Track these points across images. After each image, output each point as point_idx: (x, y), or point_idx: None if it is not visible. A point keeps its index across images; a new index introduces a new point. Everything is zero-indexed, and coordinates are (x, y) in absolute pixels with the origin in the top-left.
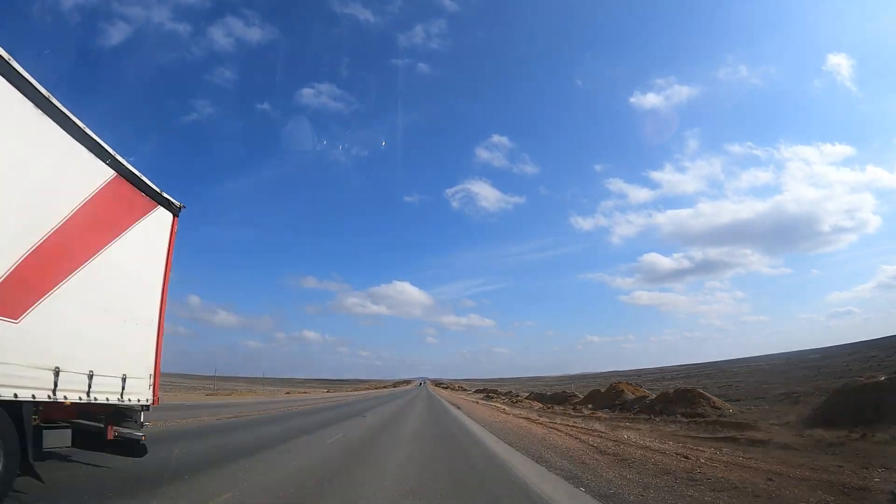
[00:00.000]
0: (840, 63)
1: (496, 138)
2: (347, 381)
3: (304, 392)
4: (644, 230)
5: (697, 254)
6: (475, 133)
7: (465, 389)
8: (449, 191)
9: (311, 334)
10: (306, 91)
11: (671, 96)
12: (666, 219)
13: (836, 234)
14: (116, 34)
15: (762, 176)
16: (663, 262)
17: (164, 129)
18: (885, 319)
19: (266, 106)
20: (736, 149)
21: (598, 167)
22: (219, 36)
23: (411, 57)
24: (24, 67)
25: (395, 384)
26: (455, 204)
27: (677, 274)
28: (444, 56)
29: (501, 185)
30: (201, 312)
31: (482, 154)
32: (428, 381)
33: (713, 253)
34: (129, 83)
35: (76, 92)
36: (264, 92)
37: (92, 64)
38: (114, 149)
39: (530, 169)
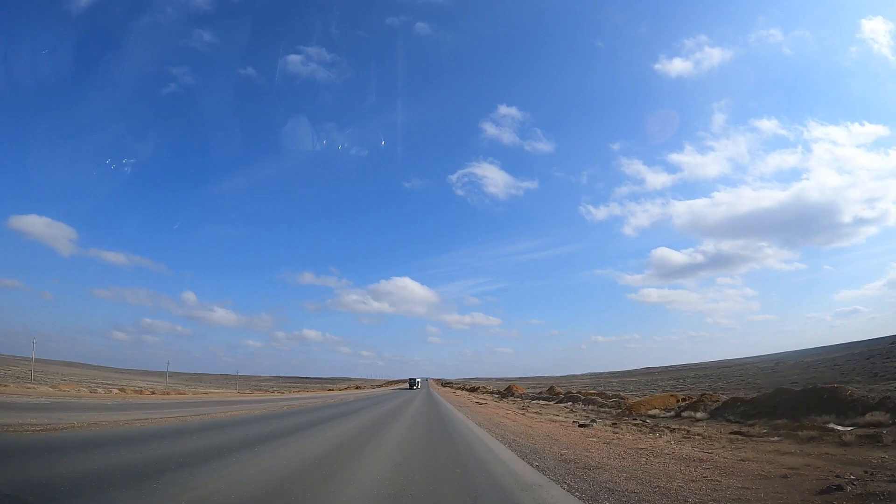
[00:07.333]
0: (876, 29)
1: (503, 109)
2: (329, 379)
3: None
4: (658, 220)
5: (710, 247)
6: (480, 104)
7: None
8: (452, 176)
9: (311, 333)
10: (293, 57)
11: (701, 61)
12: (683, 208)
13: (857, 227)
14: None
15: (789, 159)
16: (675, 256)
17: (155, 125)
18: (892, 319)
19: (250, 71)
20: (764, 124)
21: (615, 146)
22: None
23: (409, 14)
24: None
25: (383, 384)
26: (459, 191)
27: (689, 269)
28: (446, 11)
29: (511, 166)
30: (198, 310)
31: (489, 129)
32: (431, 381)
33: (727, 246)
34: (114, 70)
35: (73, 88)
36: (248, 58)
37: (80, 56)
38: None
39: (543, 146)
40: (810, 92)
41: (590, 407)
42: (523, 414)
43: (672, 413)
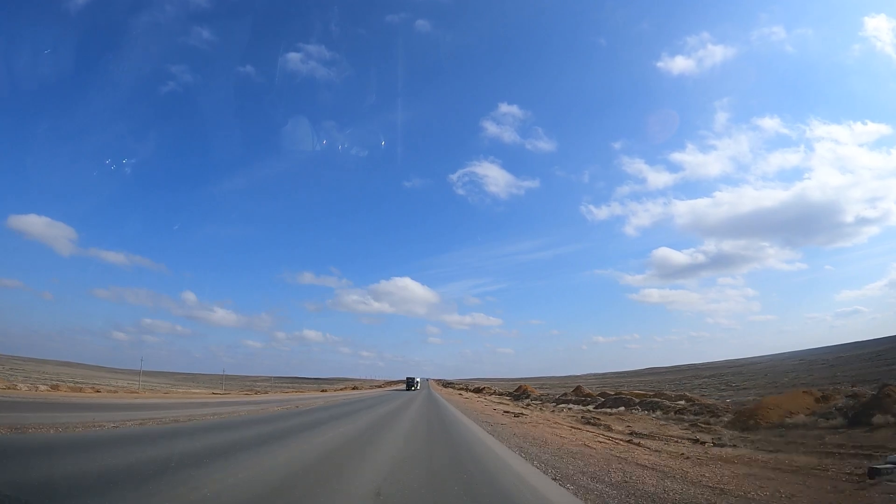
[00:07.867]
0: (879, 27)
1: (504, 107)
2: (329, 379)
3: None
4: (660, 220)
5: (712, 247)
6: (481, 103)
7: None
8: (452, 176)
9: (311, 333)
10: (293, 55)
11: (703, 58)
12: (685, 207)
13: (858, 226)
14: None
15: (791, 158)
16: (676, 256)
17: (155, 125)
18: (893, 319)
19: (250, 69)
20: (766, 123)
21: (616, 145)
22: None
23: (409, 11)
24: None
25: (382, 384)
26: (460, 191)
27: (690, 269)
28: (446, 9)
29: (512, 165)
30: (198, 310)
31: (489, 128)
32: (431, 382)
33: (729, 246)
34: (111, 69)
35: (73, 88)
36: (248, 56)
37: (79, 57)
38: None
39: (545, 145)
40: (813, 90)
41: (657, 413)
42: (630, 441)
43: (839, 419)
